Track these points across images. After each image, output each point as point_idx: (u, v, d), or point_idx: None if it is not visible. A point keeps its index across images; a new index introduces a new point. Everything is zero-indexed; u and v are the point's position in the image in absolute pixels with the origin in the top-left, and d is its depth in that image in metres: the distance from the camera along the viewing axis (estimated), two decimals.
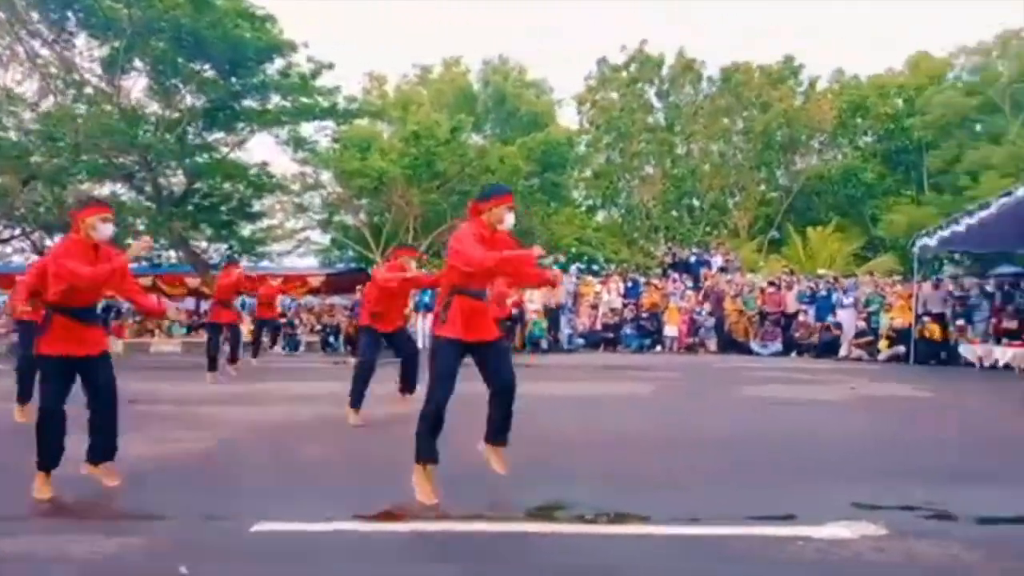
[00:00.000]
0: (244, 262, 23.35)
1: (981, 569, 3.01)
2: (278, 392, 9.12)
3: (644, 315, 18.35)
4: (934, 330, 14.84)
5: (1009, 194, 12.26)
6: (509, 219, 4.00)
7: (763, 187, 32.14)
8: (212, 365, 10.22)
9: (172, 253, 24.21)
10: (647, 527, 3.53)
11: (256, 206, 24.26)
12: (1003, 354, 12.92)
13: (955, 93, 28.74)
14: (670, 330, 17.79)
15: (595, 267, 29.03)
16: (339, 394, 8.02)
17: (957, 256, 22.89)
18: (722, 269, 21.05)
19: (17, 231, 22.68)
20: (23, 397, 6.33)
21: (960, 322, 14.94)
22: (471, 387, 4.12)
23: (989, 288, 15.86)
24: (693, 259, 22.12)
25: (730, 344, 17.37)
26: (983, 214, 12.90)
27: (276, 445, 5.73)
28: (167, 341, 19.20)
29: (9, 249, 24.70)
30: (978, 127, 28.95)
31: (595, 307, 18.93)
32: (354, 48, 51.90)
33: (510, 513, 3.73)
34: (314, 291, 22.87)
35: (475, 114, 28.90)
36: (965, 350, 14.06)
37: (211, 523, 3.66)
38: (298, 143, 23.10)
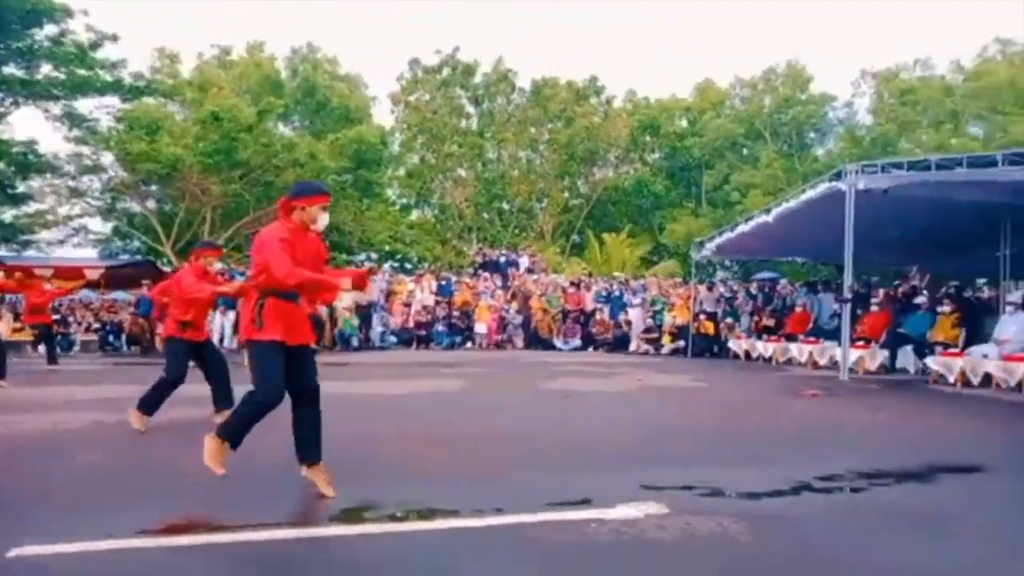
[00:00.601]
0: (2, 251, 20.40)
1: (746, 538, 3.43)
2: (43, 398, 8.04)
3: (456, 313, 18.64)
4: (708, 327, 16.67)
5: (768, 211, 14.08)
6: (323, 220, 3.85)
7: (566, 194, 34.04)
8: None
9: None
10: (455, 521, 3.59)
11: (20, 187, 21.19)
12: (764, 348, 14.83)
13: (727, 120, 32.54)
14: (480, 327, 18.25)
15: (408, 265, 29.00)
16: (117, 399, 7.28)
17: (727, 262, 25.84)
18: (529, 270, 22.00)
19: None
20: None
21: (729, 320, 16.90)
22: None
23: (752, 291, 18.13)
24: (503, 259, 22.90)
25: (536, 340, 18.20)
26: (747, 227, 14.66)
27: (40, 457, 5.05)
28: None
29: None
30: (745, 151, 33.00)
31: (408, 305, 18.89)
32: (143, 21, 47.19)
33: (314, 518, 3.61)
34: (92, 285, 20.43)
35: (283, 103, 27.49)
36: (733, 345, 15.94)
37: None
38: (73, 120, 20.49)
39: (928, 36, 49.82)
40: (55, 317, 16.69)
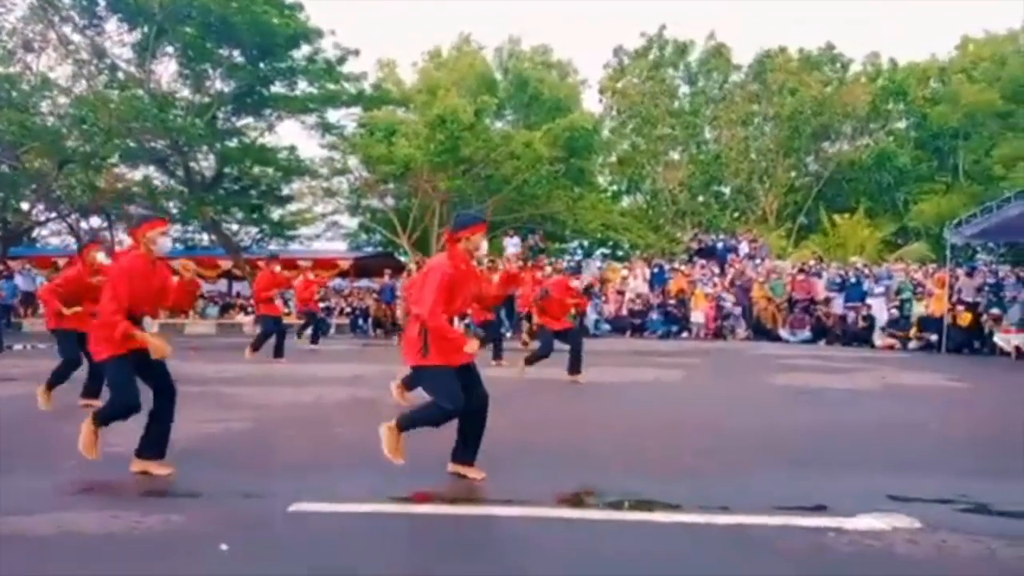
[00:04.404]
0: (273, 245, 23.75)
1: (1016, 564, 2.99)
2: (309, 374, 9.25)
3: (671, 301, 18.25)
4: (967, 318, 14.56)
5: None
6: (484, 246, 4.34)
7: (792, 173, 31.63)
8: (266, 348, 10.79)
9: (204, 236, 24.57)
10: (677, 515, 3.54)
11: (285, 190, 24.49)
12: None
13: (984, 83, 27.88)
14: (697, 316, 17.67)
15: (620, 253, 28.91)
16: (368, 376, 8.19)
17: (991, 244, 22.39)
18: (749, 256, 20.85)
19: (53, 214, 23.19)
20: (53, 384, 6.32)
21: (995, 311, 14.62)
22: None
23: None
24: (720, 245, 21.94)
25: (758, 331, 17.22)
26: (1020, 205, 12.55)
27: (311, 426, 5.83)
28: (200, 322, 19.51)
29: (46, 231, 25.29)
30: (1011, 118, 28.07)
31: (621, 293, 18.86)
32: (365, 33, 51.37)
33: (541, 498, 3.76)
34: (343, 274, 23.09)
35: (497, 98, 28.67)
36: (1000, 339, 13.78)
37: (250, 502, 3.75)
38: (326, 128, 23.26)
39: None
40: (323, 304, 18.96)
